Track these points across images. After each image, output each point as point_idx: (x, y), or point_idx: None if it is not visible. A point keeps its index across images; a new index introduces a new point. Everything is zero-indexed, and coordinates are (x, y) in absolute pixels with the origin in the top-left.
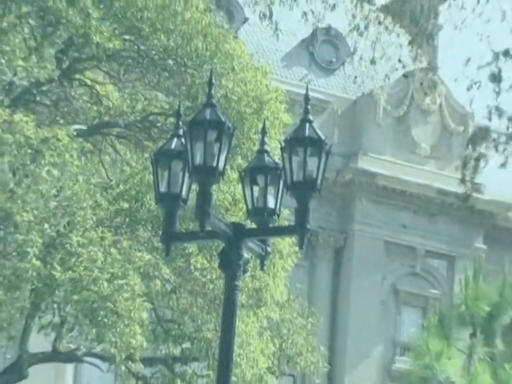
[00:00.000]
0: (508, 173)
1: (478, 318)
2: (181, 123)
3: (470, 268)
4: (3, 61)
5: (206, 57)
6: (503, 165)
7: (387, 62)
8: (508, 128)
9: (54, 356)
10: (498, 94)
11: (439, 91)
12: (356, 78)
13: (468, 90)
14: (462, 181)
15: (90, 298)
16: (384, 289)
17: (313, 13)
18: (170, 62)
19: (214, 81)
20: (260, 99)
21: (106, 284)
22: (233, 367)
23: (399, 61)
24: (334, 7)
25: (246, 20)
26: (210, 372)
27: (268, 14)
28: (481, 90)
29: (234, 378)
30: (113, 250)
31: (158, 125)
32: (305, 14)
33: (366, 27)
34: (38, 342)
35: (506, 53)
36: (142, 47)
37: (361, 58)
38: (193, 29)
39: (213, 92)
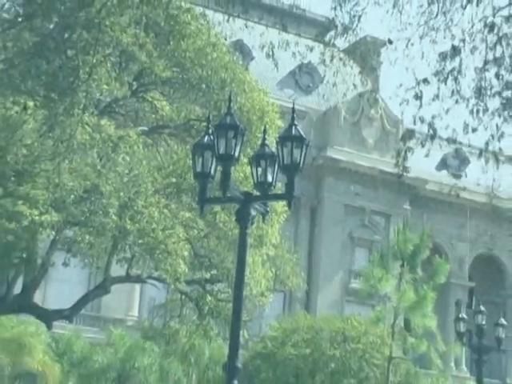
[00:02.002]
0: (426, 159)
1: (406, 255)
2: (210, 126)
3: (400, 222)
4: (93, 85)
5: (227, 82)
6: (427, 155)
7: (344, 85)
8: (428, 131)
9: (127, 278)
10: (419, 107)
11: (380, 105)
12: (324, 95)
13: (400, 105)
14: (396, 165)
15: (150, 242)
16: (343, 235)
17: (299, 53)
18: (203, 85)
19: (232, 98)
20: (262, 110)
21: (160, 232)
22: (244, 286)
23: (353, 85)
24: (312, 49)
25: (253, 58)
26: (229, 289)
27: (271, 54)
28: (408, 105)
29: (244, 293)
30: (165, 210)
31: (195, 127)
32: (294, 53)
33: (331, 61)
34: (117, 270)
35: (424, 80)
36: (184, 76)
37: (328, 82)
38: (218, 64)
39: (231, 105)
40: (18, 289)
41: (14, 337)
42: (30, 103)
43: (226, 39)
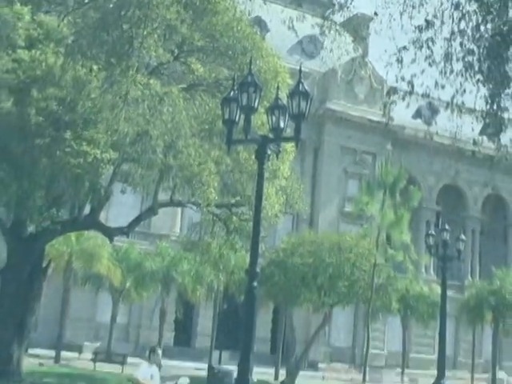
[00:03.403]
0: (404, 109)
1: (388, 184)
2: (235, 84)
3: (384, 159)
4: (144, 52)
5: (248, 49)
6: (407, 106)
7: (340, 51)
8: (408, 87)
9: (171, 203)
10: (400, 69)
11: (369, 67)
12: (323, 58)
13: (385, 67)
14: (383, 115)
15: (188, 174)
16: (339, 170)
17: (316, 25)
18: (230, 52)
19: (252, 62)
20: (276, 71)
21: (196, 167)
22: (261, 209)
23: (345, 51)
24: (317, 23)
25: (268, 31)
26: (250, 212)
27: (291, 26)
28: (391, 67)
29: (262, 215)
30: (200, 150)
31: (223, 85)
32: (313, 26)
33: (329, 32)
34: (163, 196)
35: (404, 47)
36: (215, 45)
37: (327, 49)
38: (241, 35)
39: (252, 67)
40: (87, 211)
41: (85, 248)
42: (95, 66)
43: (248, 15)
